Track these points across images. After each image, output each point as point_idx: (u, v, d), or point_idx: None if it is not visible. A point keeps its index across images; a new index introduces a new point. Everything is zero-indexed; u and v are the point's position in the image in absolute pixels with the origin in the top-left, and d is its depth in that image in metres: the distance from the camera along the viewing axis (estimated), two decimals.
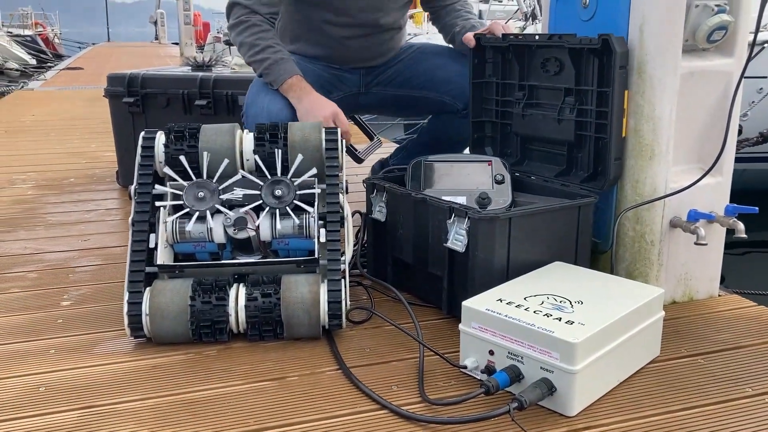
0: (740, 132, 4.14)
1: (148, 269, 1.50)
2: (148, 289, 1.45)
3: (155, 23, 26.90)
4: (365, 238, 1.82)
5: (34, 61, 16.72)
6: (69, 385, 1.29)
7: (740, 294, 1.75)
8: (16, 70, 15.06)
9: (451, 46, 2.20)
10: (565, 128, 1.71)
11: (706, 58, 1.58)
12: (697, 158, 1.65)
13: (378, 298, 1.69)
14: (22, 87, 8.56)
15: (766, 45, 4.03)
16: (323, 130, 1.61)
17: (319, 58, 2.11)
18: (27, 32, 21.01)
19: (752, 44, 1.52)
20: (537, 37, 1.74)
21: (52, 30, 24.39)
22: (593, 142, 1.66)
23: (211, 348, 1.44)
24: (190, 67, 2.91)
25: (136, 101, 2.66)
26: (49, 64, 15.80)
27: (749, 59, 1.55)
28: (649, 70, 1.54)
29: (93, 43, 27.12)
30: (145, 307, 1.42)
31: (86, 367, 1.36)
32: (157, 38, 26.83)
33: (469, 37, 1.91)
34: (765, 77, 4.12)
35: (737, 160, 1.71)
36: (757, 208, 1.55)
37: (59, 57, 19.70)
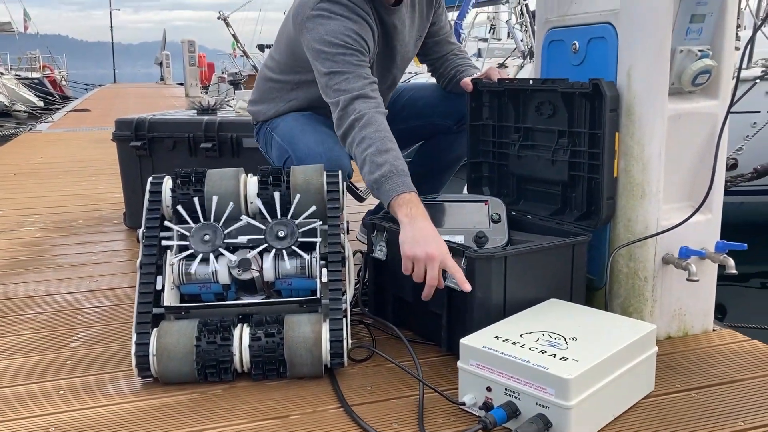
0: (736, 166, 4.23)
1: (156, 310, 1.54)
2: (155, 330, 1.49)
3: (160, 64, 27.42)
4: (366, 277, 1.86)
5: (41, 103, 17.01)
6: (78, 425, 1.32)
7: (735, 328, 1.79)
8: (24, 112, 15.31)
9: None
10: (560, 169, 1.77)
11: (693, 101, 1.64)
12: (687, 196, 1.70)
13: (379, 336, 1.72)
14: (30, 129, 8.70)
15: (756, 81, 4.11)
16: (324, 173, 1.67)
17: (329, 116, 2.14)
18: (35, 75, 21.42)
19: (735, 88, 1.59)
20: (531, 82, 1.80)
21: (60, 72, 24.84)
22: (586, 182, 1.71)
23: (216, 387, 1.47)
24: (195, 111, 2.99)
25: (143, 144, 2.73)
26: (56, 106, 16.06)
27: (732, 104, 1.61)
28: (638, 112, 1.60)
29: (99, 85, 27.59)
30: (152, 348, 1.46)
31: (94, 408, 1.39)
32: (162, 79, 27.31)
33: (467, 82, 1.98)
34: (758, 112, 4.20)
35: (735, 193, 1.76)
36: (745, 244, 1.60)
37: (66, 99, 20.04)
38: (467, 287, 1.45)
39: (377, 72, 1.97)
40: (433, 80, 2.31)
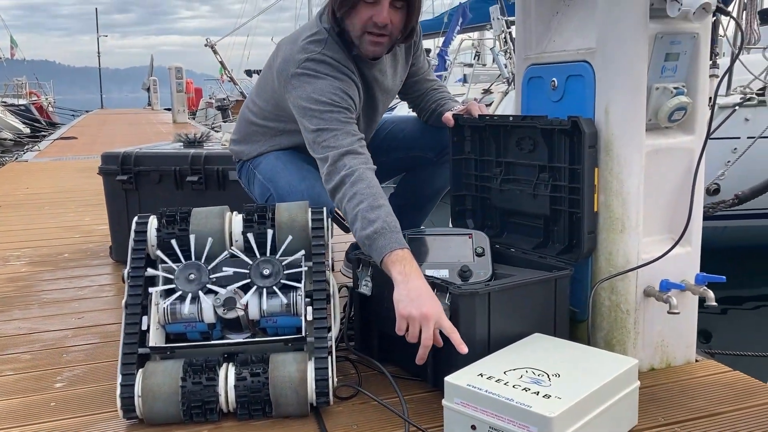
0: (718, 191, 4.28)
1: (141, 350, 1.54)
2: (140, 370, 1.49)
3: (148, 90, 27.47)
4: (352, 312, 1.87)
5: (28, 130, 16.97)
6: None
7: (719, 355, 1.80)
8: (11, 140, 15.26)
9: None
10: (541, 203, 1.79)
11: (670, 136, 1.68)
12: (668, 229, 1.73)
13: (365, 372, 1.73)
14: (16, 158, 8.68)
15: (736, 108, 4.19)
16: (309, 210, 1.68)
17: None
18: (21, 101, 21.37)
19: (711, 115, 1.63)
20: (511, 118, 1.84)
21: (46, 98, 24.81)
22: (567, 216, 1.73)
23: (201, 428, 1.47)
24: (181, 143, 3.00)
25: (129, 178, 2.74)
26: (43, 133, 16.02)
27: (708, 136, 1.65)
28: (616, 148, 1.63)
29: (87, 111, 27.56)
30: (137, 389, 1.46)
31: None
32: (149, 104, 27.34)
33: (448, 117, 2.01)
34: (738, 138, 4.28)
35: (717, 218, 1.78)
36: (724, 277, 1.62)
37: (53, 125, 20.01)
38: (464, 349, 1.44)
39: (362, 123, 1.99)
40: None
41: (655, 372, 1.70)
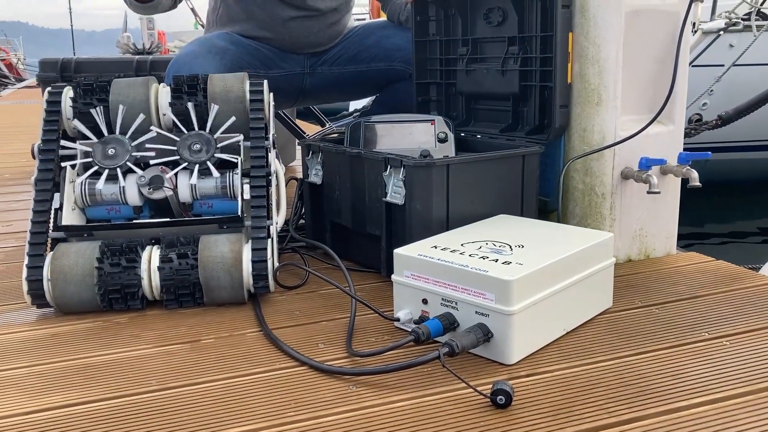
0: (701, 119, 4.13)
1: (54, 235, 1.36)
2: (51, 252, 1.31)
3: None
4: (302, 205, 1.69)
5: None
6: None
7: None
8: None
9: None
10: (510, 80, 1.62)
11: None
12: (648, 108, 1.56)
13: (316, 267, 1.56)
14: None
15: (720, 33, 4.01)
16: (247, 81, 1.49)
17: (259, 39, 2.01)
18: None
19: None
20: None
21: (16, 55, 23.99)
22: (538, 92, 1.56)
23: (122, 316, 1.30)
24: (130, 53, 2.77)
25: None
26: (10, 87, 15.49)
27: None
28: (592, 8, 1.45)
29: None
30: (46, 272, 1.28)
31: None
32: None
33: None
34: (722, 65, 4.10)
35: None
36: (710, 153, 1.47)
37: (23, 81, 19.36)
38: None
39: None
40: None
41: (632, 263, 1.55)
